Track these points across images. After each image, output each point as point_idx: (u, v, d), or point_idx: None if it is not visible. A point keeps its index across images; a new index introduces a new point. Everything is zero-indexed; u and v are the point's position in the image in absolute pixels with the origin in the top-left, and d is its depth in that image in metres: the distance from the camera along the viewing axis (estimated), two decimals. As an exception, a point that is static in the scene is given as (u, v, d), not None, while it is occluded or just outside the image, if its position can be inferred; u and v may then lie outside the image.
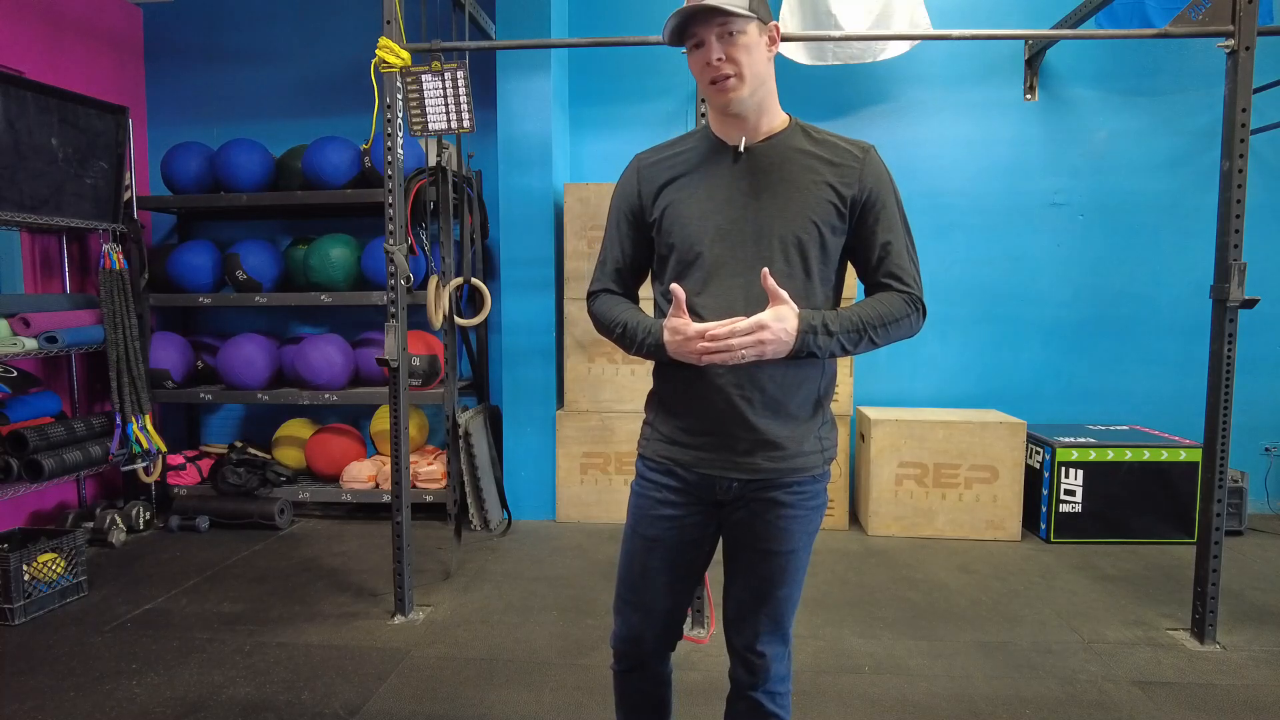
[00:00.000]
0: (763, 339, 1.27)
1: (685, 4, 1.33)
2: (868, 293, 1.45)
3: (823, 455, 1.45)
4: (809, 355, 1.33)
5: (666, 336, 1.35)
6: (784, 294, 1.29)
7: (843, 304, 1.44)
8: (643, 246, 1.51)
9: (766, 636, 1.48)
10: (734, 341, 1.27)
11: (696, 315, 1.38)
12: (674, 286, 1.34)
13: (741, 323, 1.28)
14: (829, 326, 1.33)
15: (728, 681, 1.57)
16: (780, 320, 1.29)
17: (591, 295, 1.56)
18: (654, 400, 1.52)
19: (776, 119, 1.43)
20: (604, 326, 1.50)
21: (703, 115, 2.56)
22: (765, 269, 1.30)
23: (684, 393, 1.43)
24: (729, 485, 1.43)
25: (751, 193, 1.38)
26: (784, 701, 1.53)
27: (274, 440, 4.28)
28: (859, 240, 1.42)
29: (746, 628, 1.49)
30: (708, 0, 1.29)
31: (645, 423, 1.54)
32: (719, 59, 1.32)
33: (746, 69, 1.33)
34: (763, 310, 1.30)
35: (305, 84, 4.39)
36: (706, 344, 1.29)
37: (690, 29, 1.34)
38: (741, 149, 1.40)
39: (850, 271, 1.50)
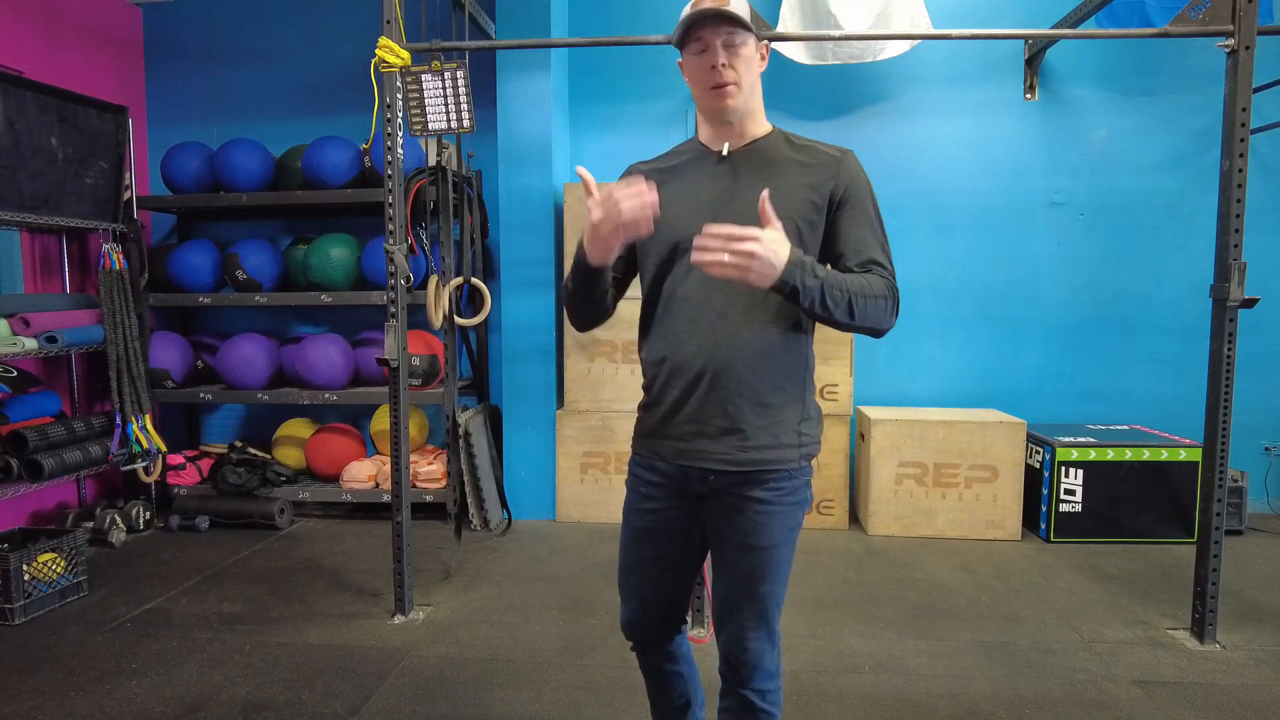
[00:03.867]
0: (753, 250, 1.22)
1: (695, 7, 1.38)
2: None
3: (800, 450, 1.46)
4: (792, 294, 1.28)
5: (589, 219, 1.33)
6: (776, 221, 1.27)
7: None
8: (625, 248, 1.51)
9: (752, 633, 1.47)
10: (725, 244, 1.23)
11: (678, 303, 1.44)
12: (578, 168, 1.36)
13: (735, 229, 1.23)
14: (816, 270, 1.29)
15: (719, 680, 1.57)
16: (773, 239, 1.25)
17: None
18: (643, 395, 1.57)
19: (761, 127, 1.50)
20: (565, 292, 1.53)
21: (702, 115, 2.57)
22: (765, 190, 1.29)
23: (663, 383, 1.47)
24: (705, 477, 1.46)
25: (732, 191, 1.44)
26: (774, 699, 1.53)
27: (274, 440, 4.28)
28: (834, 233, 1.44)
29: (731, 625, 1.49)
30: (721, 7, 1.34)
31: (636, 419, 1.59)
32: (723, 64, 1.38)
33: (744, 78, 1.40)
34: (741, 292, 1.35)
35: (305, 84, 4.39)
36: (701, 239, 1.24)
37: (697, 33, 1.39)
38: (725, 153, 1.47)
39: None
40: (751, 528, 1.44)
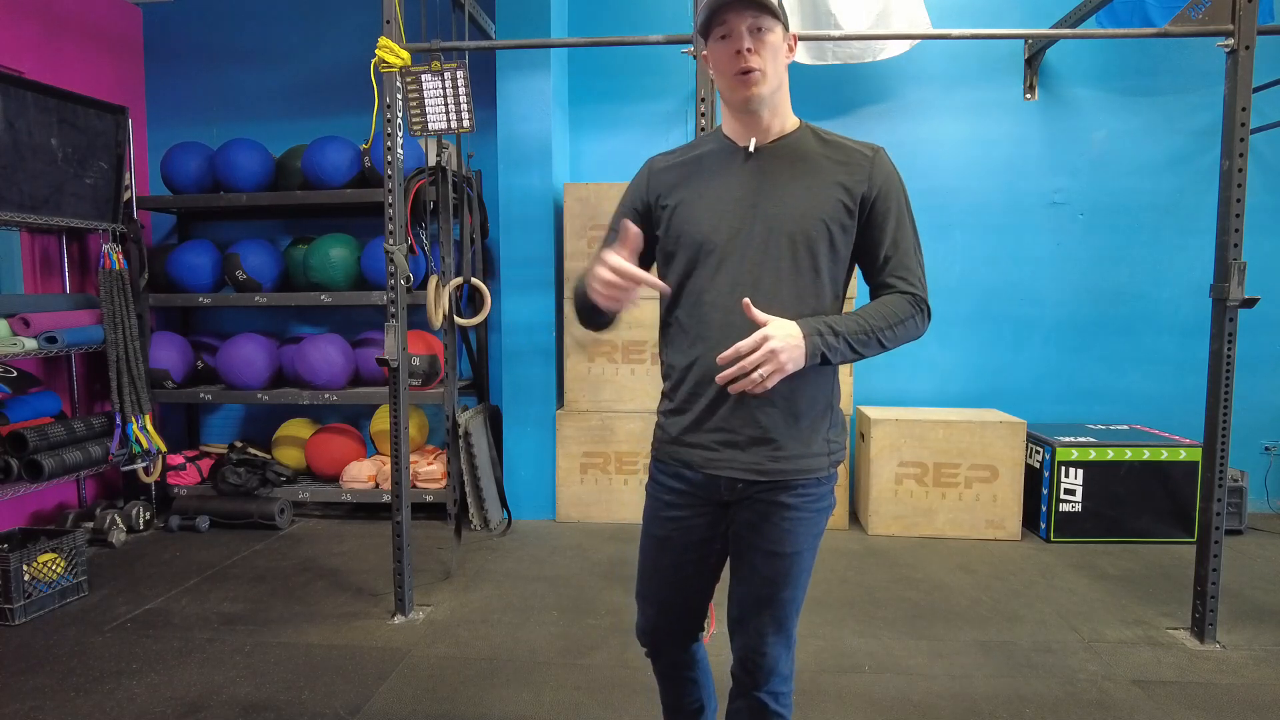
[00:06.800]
0: (774, 349, 1.25)
1: None
2: (872, 294, 1.45)
3: (829, 458, 1.46)
4: (823, 361, 1.32)
5: (594, 268, 1.31)
6: (767, 315, 1.28)
7: (846, 305, 1.44)
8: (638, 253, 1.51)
9: (771, 638, 1.47)
10: (746, 362, 1.25)
11: (707, 308, 1.39)
12: (624, 221, 1.33)
13: (744, 342, 1.26)
14: (834, 328, 1.32)
15: (729, 679, 1.57)
16: (779, 327, 1.27)
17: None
18: (663, 400, 1.53)
19: (788, 122, 1.44)
20: (575, 307, 1.51)
21: (703, 115, 2.57)
22: (746, 300, 1.29)
23: (690, 390, 1.44)
24: (734, 485, 1.43)
25: (761, 191, 1.39)
26: (786, 701, 1.53)
27: (274, 440, 4.28)
28: (866, 239, 1.41)
29: (750, 628, 1.48)
30: None
31: (657, 424, 1.55)
32: (748, 49, 1.32)
33: (770, 66, 1.35)
34: (774, 300, 1.33)
35: (305, 84, 4.39)
36: (724, 374, 1.26)
37: (722, 16, 1.34)
38: (752, 149, 1.41)
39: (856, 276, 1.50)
40: (778, 535, 1.43)
